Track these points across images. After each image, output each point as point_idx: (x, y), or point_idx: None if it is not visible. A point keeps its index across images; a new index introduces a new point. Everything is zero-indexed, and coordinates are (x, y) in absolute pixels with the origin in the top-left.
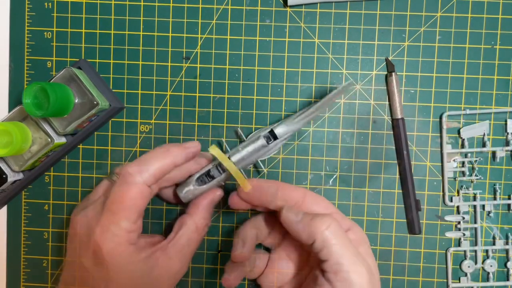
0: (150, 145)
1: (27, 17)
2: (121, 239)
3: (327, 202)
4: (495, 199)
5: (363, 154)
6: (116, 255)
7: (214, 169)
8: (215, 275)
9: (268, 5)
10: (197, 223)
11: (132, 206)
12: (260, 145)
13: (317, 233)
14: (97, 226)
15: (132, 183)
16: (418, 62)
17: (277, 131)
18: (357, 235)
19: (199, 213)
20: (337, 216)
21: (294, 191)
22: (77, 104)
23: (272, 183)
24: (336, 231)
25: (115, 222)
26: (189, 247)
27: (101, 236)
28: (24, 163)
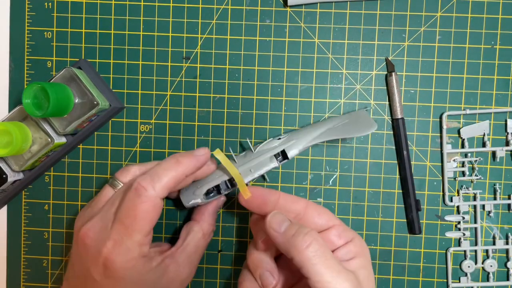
0: (150, 145)
1: (27, 17)
2: (134, 253)
3: (329, 214)
4: (495, 199)
5: (363, 154)
6: (128, 268)
7: (223, 184)
8: (215, 275)
9: (268, 5)
10: (204, 229)
11: (146, 220)
12: (273, 167)
13: (296, 251)
14: (109, 240)
15: (146, 197)
16: (418, 62)
17: (290, 154)
18: (357, 247)
19: (205, 219)
20: (339, 228)
21: (295, 203)
22: (77, 104)
23: (273, 193)
24: (316, 249)
25: (128, 236)
26: (197, 253)
27: (114, 250)
28: (24, 163)
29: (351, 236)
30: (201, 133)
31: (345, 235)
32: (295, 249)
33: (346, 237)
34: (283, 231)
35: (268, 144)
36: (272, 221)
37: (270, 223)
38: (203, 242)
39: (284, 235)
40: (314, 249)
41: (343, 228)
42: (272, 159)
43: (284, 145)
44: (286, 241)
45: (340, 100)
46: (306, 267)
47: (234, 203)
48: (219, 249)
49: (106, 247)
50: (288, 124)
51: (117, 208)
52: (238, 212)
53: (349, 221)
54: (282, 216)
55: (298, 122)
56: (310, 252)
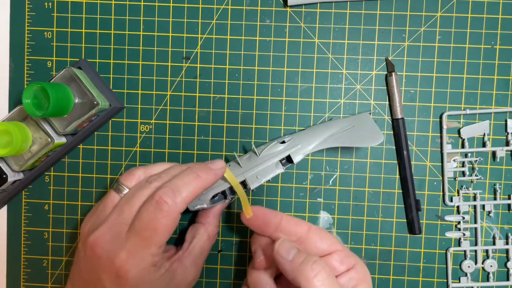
0: (150, 145)
1: (27, 17)
2: (147, 263)
3: (332, 239)
4: (495, 199)
5: (363, 154)
6: (140, 278)
7: (229, 190)
8: (215, 275)
9: (268, 5)
10: (209, 231)
11: (165, 233)
12: (278, 173)
13: (304, 280)
14: (123, 250)
15: (167, 211)
16: (418, 62)
17: (296, 160)
18: (359, 274)
19: (210, 222)
20: (341, 253)
21: (297, 226)
22: (77, 104)
23: (276, 214)
24: (324, 279)
25: (145, 248)
26: (202, 255)
27: (128, 261)
28: (24, 163)
29: (353, 262)
30: (201, 133)
31: (347, 261)
32: (303, 278)
33: (348, 263)
34: (291, 259)
35: (273, 148)
36: (280, 248)
37: (278, 249)
38: (208, 244)
39: (292, 263)
40: (322, 278)
41: (345, 253)
42: (278, 165)
43: (289, 150)
44: (294, 269)
45: (340, 100)
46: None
47: (234, 203)
48: (219, 249)
49: (119, 258)
50: (288, 124)
51: (131, 219)
52: (238, 213)
53: (349, 221)
54: (290, 244)
55: (298, 122)
56: (317, 281)
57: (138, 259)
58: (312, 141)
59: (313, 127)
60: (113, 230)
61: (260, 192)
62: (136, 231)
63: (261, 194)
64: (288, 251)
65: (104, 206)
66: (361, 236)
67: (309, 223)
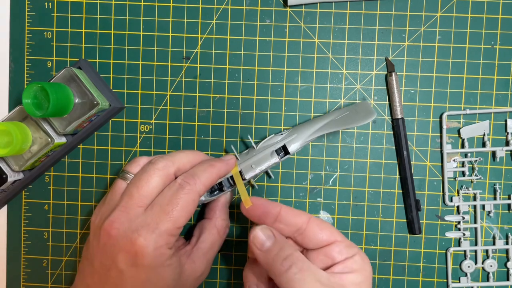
0: (150, 145)
1: (27, 17)
2: (164, 242)
3: (332, 230)
4: (495, 199)
5: (363, 154)
6: (156, 256)
7: (226, 182)
8: (215, 275)
9: (268, 5)
10: (218, 225)
11: (184, 210)
12: (274, 162)
13: (274, 274)
14: (141, 227)
15: (189, 189)
16: (418, 62)
17: (291, 149)
18: (356, 264)
19: (217, 216)
20: (341, 244)
21: (296, 217)
22: (77, 104)
23: (275, 205)
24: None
25: (165, 222)
26: (212, 250)
27: (147, 236)
28: (24, 163)
29: (352, 253)
30: (201, 133)
31: (346, 251)
32: (273, 272)
33: (347, 253)
34: (265, 249)
35: (270, 140)
36: (256, 237)
37: (254, 238)
38: (218, 238)
39: (265, 254)
40: (293, 273)
41: (345, 244)
42: (273, 154)
43: (285, 140)
44: (267, 261)
45: (340, 100)
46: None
47: (234, 203)
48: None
49: (138, 234)
50: (288, 124)
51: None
52: (238, 212)
53: (349, 221)
54: (268, 232)
55: (298, 122)
56: (288, 275)
57: (156, 234)
58: (308, 130)
59: (312, 119)
60: (127, 212)
61: (261, 192)
62: (158, 205)
63: (261, 194)
64: (263, 241)
65: (113, 194)
66: (361, 236)
67: (309, 214)
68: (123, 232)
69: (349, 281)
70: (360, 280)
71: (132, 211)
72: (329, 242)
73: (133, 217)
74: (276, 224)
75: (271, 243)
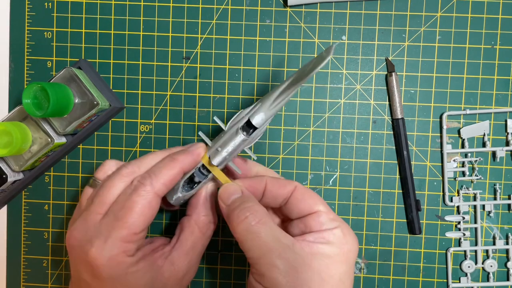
0: (150, 145)
1: (27, 17)
2: (118, 251)
3: (316, 199)
4: (495, 199)
5: (363, 154)
6: (112, 267)
7: (198, 173)
8: (215, 275)
9: (268, 5)
10: (199, 223)
11: (138, 214)
12: (241, 140)
13: (231, 226)
14: (95, 237)
15: (143, 191)
16: (418, 62)
17: (255, 121)
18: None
19: (198, 212)
20: (323, 214)
21: (282, 188)
22: (77, 104)
23: (261, 181)
24: (249, 226)
25: (117, 229)
26: (194, 249)
27: (98, 247)
28: (24, 163)
29: (333, 225)
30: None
31: (327, 223)
32: (231, 223)
33: (327, 225)
34: (229, 203)
35: (238, 117)
36: (223, 192)
37: (220, 194)
38: (200, 236)
39: (228, 208)
40: (249, 223)
41: (328, 216)
42: (238, 132)
43: (250, 113)
44: (227, 213)
45: (340, 100)
46: (240, 244)
47: None
48: (219, 249)
49: (91, 244)
50: (288, 124)
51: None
52: None
53: (349, 221)
54: (235, 187)
55: (298, 122)
56: (244, 225)
57: (109, 244)
58: (270, 96)
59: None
60: (86, 220)
61: None
62: (111, 212)
63: None
64: (229, 196)
65: (80, 203)
66: (361, 236)
67: (296, 182)
68: (79, 242)
69: (319, 251)
70: (334, 253)
71: (91, 220)
72: (311, 211)
73: (90, 226)
74: (263, 199)
75: (237, 197)
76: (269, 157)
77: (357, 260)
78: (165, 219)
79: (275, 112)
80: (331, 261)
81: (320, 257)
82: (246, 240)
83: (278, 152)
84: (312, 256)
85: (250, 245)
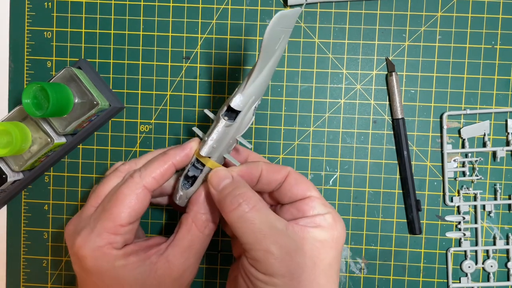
0: (150, 145)
1: (27, 17)
2: (104, 242)
3: (309, 184)
4: (495, 199)
5: (363, 154)
6: (97, 258)
7: (192, 168)
8: (215, 275)
9: (268, 5)
10: (195, 219)
11: (125, 206)
12: (223, 126)
13: (224, 213)
14: (84, 227)
15: (131, 182)
16: (418, 62)
17: (234, 103)
18: (326, 222)
19: (196, 209)
20: (315, 200)
21: (276, 173)
22: (77, 104)
23: (257, 167)
24: (243, 212)
25: (104, 222)
26: (192, 248)
27: (84, 238)
28: (24, 163)
29: (325, 211)
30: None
31: (319, 208)
32: (224, 210)
33: (319, 210)
34: (220, 188)
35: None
36: (213, 177)
37: (210, 179)
38: (198, 235)
39: (219, 194)
40: (243, 211)
41: (321, 201)
42: (219, 119)
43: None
44: (219, 200)
45: (340, 100)
46: (233, 230)
47: None
48: (219, 249)
49: (78, 234)
50: (288, 124)
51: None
52: None
53: (349, 221)
54: (225, 173)
55: (298, 122)
56: (237, 212)
57: (94, 234)
58: (247, 78)
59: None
60: (81, 213)
61: None
62: (101, 205)
63: None
64: (219, 181)
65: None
66: (361, 236)
67: (289, 167)
68: (72, 234)
69: (311, 235)
70: (325, 238)
71: (85, 212)
72: (303, 196)
73: (83, 218)
74: (258, 185)
75: (228, 182)
76: (269, 157)
77: (357, 260)
78: (165, 219)
79: (252, 93)
80: (322, 245)
81: (312, 241)
82: (240, 228)
83: (278, 152)
84: (304, 240)
85: (244, 232)
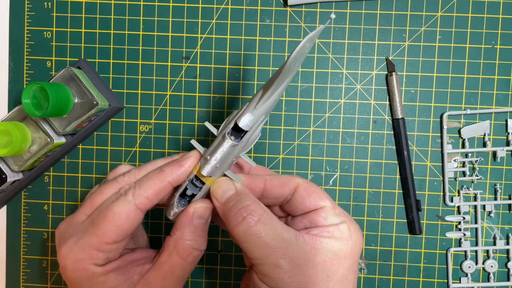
0: (150, 145)
1: (27, 17)
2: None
3: (321, 194)
4: (495, 199)
5: (363, 154)
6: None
7: (191, 185)
8: (215, 275)
9: (268, 5)
10: (177, 246)
11: (113, 224)
12: (228, 146)
13: (229, 227)
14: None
15: (123, 200)
16: (419, 62)
17: (242, 123)
18: (341, 232)
19: (179, 234)
20: (329, 210)
21: (283, 186)
22: (76, 104)
23: (260, 181)
24: (248, 227)
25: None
26: (173, 274)
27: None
28: (23, 163)
29: (339, 220)
30: (201, 133)
31: (333, 218)
32: (229, 223)
33: (332, 220)
34: (224, 201)
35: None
36: (216, 190)
37: (213, 191)
38: (179, 262)
39: (223, 206)
40: (248, 224)
41: (334, 211)
42: (225, 138)
43: (236, 116)
44: (223, 213)
45: (340, 100)
46: (240, 245)
47: None
48: (219, 249)
49: (64, 242)
50: (288, 124)
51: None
52: None
53: None
54: (228, 184)
55: (298, 122)
56: (242, 227)
57: (77, 246)
58: (256, 95)
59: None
60: (72, 217)
61: None
62: (91, 217)
63: None
64: (223, 193)
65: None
66: (361, 236)
67: (297, 178)
68: (59, 237)
69: (324, 246)
70: (339, 248)
71: (76, 218)
72: (316, 207)
73: (73, 224)
74: (263, 200)
75: (231, 194)
76: (269, 157)
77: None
78: (164, 219)
79: (263, 112)
80: (335, 256)
81: (324, 251)
82: (246, 242)
83: (278, 152)
84: (316, 250)
85: (251, 247)
